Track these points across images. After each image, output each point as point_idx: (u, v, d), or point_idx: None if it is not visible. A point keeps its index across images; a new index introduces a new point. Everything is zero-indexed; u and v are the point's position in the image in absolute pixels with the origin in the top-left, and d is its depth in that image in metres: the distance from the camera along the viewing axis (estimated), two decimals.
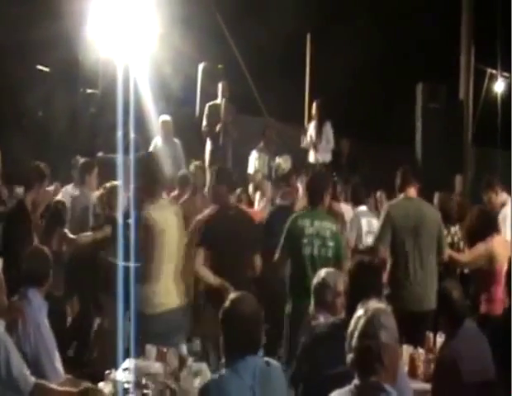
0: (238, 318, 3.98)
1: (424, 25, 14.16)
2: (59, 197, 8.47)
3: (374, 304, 3.61)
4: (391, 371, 3.50)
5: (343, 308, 5.06)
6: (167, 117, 11.73)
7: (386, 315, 3.56)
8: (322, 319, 5.44)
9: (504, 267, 6.54)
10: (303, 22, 12.84)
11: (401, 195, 7.11)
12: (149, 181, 6.02)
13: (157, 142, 11.57)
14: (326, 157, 12.51)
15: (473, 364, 5.04)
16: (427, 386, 5.47)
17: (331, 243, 6.70)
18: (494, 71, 15.24)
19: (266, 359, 4.10)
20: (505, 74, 15.21)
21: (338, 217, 8.28)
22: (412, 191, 7.08)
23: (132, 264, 5.72)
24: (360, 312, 3.57)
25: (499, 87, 15.46)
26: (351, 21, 14.24)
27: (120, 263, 5.83)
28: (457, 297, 5.30)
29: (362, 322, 3.51)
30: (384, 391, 3.46)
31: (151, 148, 11.29)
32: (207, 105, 12.28)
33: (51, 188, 8.73)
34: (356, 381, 3.51)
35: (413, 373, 5.71)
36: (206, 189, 8.97)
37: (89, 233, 7.89)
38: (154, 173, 6.10)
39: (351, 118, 13.71)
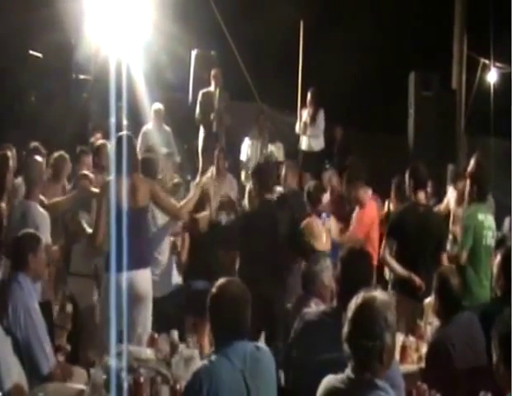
0: (225, 303, 3.98)
1: (416, 14, 14.13)
2: None
3: (379, 294, 3.52)
4: (386, 367, 3.48)
5: (334, 295, 5.06)
6: (159, 105, 11.72)
7: (390, 310, 3.46)
8: (313, 306, 5.46)
9: None
10: (296, 10, 12.78)
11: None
12: None
13: (148, 128, 11.55)
14: (319, 144, 12.52)
15: (465, 350, 5.03)
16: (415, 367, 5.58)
17: (495, 233, 7.30)
18: (486, 61, 15.21)
19: (256, 343, 4.11)
20: (498, 64, 15.18)
21: None
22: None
23: None
24: (362, 299, 3.47)
25: (491, 76, 15.42)
26: (344, 9, 14.21)
27: None
28: (455, 283, 5.29)
29: (366, 320, 3.41)
30: (378, 388, 3.42)
31: (141, 134, 11.28)
32: (201, 92, 12.23)
33: None
34: (350, 374, 3.48)
35: (404, 361, 5.71)
36: None
37: None
38: None
39: (344, 106, 13.68)
